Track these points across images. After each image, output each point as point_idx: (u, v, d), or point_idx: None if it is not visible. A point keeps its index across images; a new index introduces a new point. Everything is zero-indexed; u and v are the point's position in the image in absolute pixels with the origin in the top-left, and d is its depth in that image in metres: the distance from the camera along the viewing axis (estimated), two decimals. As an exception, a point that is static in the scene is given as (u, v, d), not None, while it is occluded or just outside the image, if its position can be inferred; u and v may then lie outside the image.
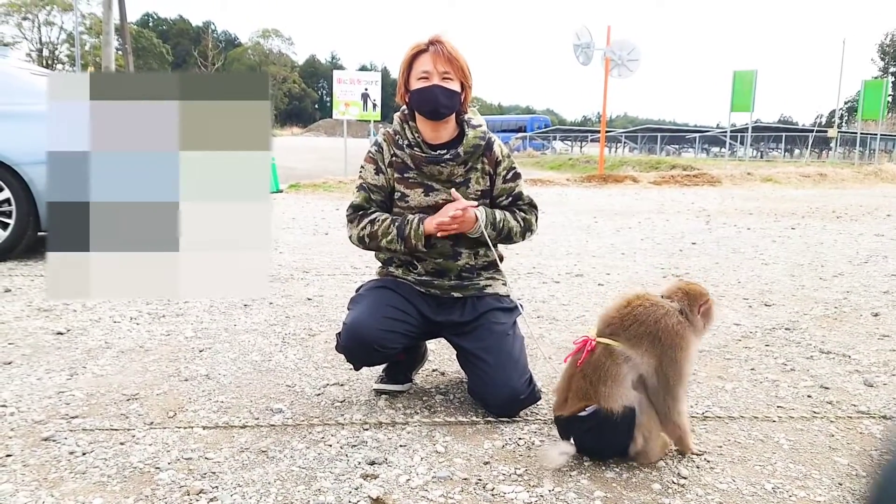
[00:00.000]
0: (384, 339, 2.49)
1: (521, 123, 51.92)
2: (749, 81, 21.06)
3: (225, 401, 2.64)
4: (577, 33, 17.71)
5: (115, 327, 3.62)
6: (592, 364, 2.10)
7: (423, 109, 2.52)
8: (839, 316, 4.11)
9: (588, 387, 2.09)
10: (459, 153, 2.55)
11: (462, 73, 2.52)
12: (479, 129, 2.61)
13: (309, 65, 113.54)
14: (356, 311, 2.55)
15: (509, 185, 2.66)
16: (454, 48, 2.50)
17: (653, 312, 2.12)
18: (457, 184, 2.57)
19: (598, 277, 5.19)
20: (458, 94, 2.52)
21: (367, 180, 2.61)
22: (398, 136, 2.60)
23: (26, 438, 2.27)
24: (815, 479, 2.10)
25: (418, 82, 2.49)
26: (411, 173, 2.57)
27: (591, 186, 15.88)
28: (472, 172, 2.61)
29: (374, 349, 2.50)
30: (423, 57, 2.50)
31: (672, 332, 2.10)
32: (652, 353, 2.09)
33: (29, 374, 2.87)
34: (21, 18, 74.71)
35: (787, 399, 2.76)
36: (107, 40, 19.64)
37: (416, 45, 2.52)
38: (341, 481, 2.02)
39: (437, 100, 2.47)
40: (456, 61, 2.49)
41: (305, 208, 9.89)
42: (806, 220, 9.46)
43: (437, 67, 2.47)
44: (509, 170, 2.66)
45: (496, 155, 2.65)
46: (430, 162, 2.54)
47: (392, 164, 2.59)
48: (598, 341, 2.13)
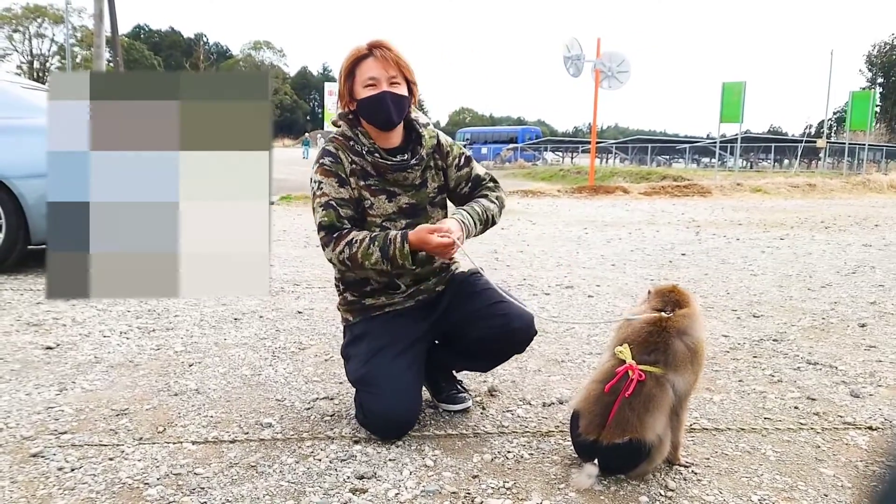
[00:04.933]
0: (417, 413, 2.50)
1: (512, 134, 51.98)
2: (738, 92, 21.18)
3: (214, 415, 2.64)
4: (567, 45, 17.83)
5: (104, 342, 3.61)
6: (642, 396, 2.08)
7: (376, 119, 2.44)
8: (826, 327, 4.14)
9: (633, 417, 2.06)
10: (423, 156, 2.53)
11: (409, 74, 2.46)
12: (428, 128, 2.58)
13: (300, 76, 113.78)
14: (382, 394, 2.39)
15: (464, 170, 2.63)
16: (397, 50, 2.43)
17: (687, 331, 2.14)
18: (416, 185, 2.53)
19: (588, 289, 5.21)
20: (407, 98, 2.47)
21: (332, 196, 2.43)
22: (352, 142, 2.50)
23: (14, 455, 2.26)
24: (802, 491, 2.11)
25: (365, 90, 2.41)
26: (372, 180, 2.49)
27: (581, 197, 15.94)
28: (427, 171, 2.58)
29: (409, 428, 2.48)
30: (366, 63, 2.41)
31: (702, 347, 2.14)
32: (691, 372, 2.12)
33: (18, 390, 2.86)
34: (12, 31, 74.57)
35: (774, 410, 2.78)
36: (98, 52, 19.60)
37: (356, 50, 2.44)
38: (330, 496, 2.02)
39: (388, 108, 2.40)
40: (402, 63, 2.43)
41: (296, 220, 9.89)
42: (795, 230, 9.52)
43: (385, 73, 2.40)
44: (459, 156, 2.64)
45: (444, 148, 2.61)
46: (396, 170, 2.48)
47: (353, 171, 2.47)
48: (644, 370, 2.10)
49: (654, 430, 2.06)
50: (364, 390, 2.45)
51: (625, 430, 2.06)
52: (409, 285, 2.58)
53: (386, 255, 2.35)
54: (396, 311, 2.57)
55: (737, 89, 21.25)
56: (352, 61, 2.43)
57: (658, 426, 2.07)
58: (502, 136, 52.16)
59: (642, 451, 2.06)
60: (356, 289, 2.59)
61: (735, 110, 21.36)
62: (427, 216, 2.57)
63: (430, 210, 2.58)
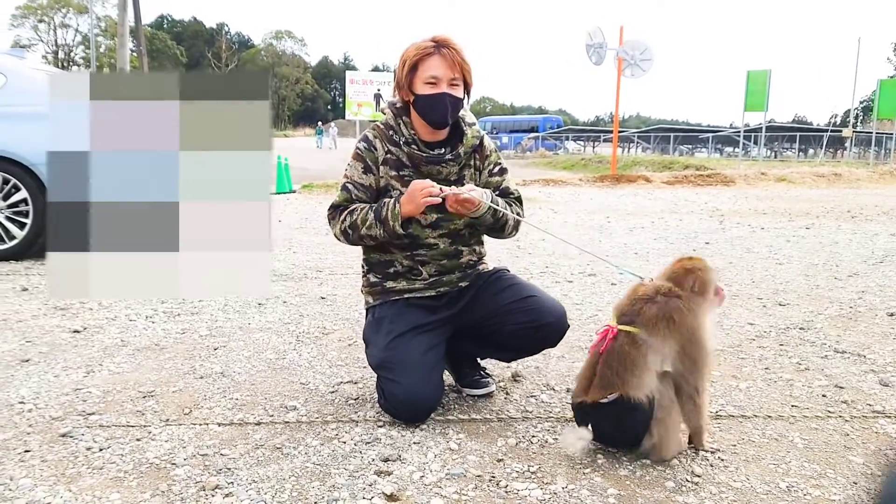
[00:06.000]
0: (439, 397, 2.51)
1: (533, 124, 51.82)
2: (763, 81, 20.91)
3: (240, 398, 2.66)
4: (589, 33, 17.68)
5: (130, 325, 3.65)
6: (616, 352, 2.11)
7: (430, 117, 2.47)
8: (854, 316, 4.08)
9: (612, 375, 2.09)
10: (460, 153, 2.54)
11: (468, 77, 2.49)
12: (474, 128, 2.60)
13: (321, 66, 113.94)
14: (403, 379, 2.38)
15: (496, 178, 2.65)
16: (462, 52, 2.46)
17: (657, 295, 2.14)
18: (451, 182, 2.54)
19: (611, 277, 5.18)
20: (462, 100, 2.49)
21: (354, 178, 2.52)
22: (392, 132, 2.54)
23: (44, 434, 2.30)
24: (831, 478, 2.09)
25: (425, 87, 2.43)
26: (406, 171, 2.52)
27: (603, 186, 15.85)
28: (466, 170, 2.60)
29: (431, 411, 2.49)
30: (431, 60, 2.43)
31: (680, 310, 2.11)
32: (669, 336, 2.10)
33: (46, 372, 2.90)
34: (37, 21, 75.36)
35: (801, 398, 2.75)
36: (122, 42, 19.78)
37: (423, 44, 2.46)
38: (355, 478, 2.03)
39: (445, 110, 2.44)
40: (465, 66, 2.46)
41: (318, 208, 9.92)
42: (820, 219, 9.40)
43: (447, 73, 2.43)
44: (496, 164, 2.66)
45: (486, 150, 2.64)
46: (430, 162, 2.51)
47: (386, 161, 2.52)
48: (620, 329, 2.14)
49: (636, 388, 2.06)
50: (385, 375, 2.45)
51: (606, 389, 2.09)
52: (432, 274, 2.58)
53: (379, 218, 2.42)
54: (416, 299, 2.57)
55: (762, 77, 20.99)
56: (417, 56, 2.45)
57: (642, 385, 2.06)
58: (523, 125, 52.02)
59: (630, 414, 2.06)
60: (380, 270, 2.61)
61: (760, 99, 21.10)
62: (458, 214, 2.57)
63: None
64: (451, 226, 2.55)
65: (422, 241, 2.54)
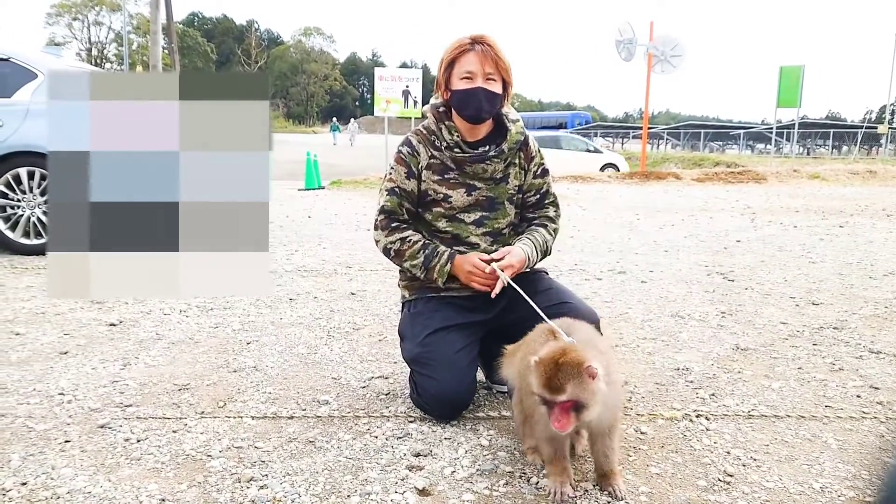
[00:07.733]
0: (472, 395, 2.52)
1: (561, 120, 51.54)
2: (796, 77, 20.65)
3: (273, 392, 2.69)
4: (619, 29, 17.56)
5: (165, 319, 3.71)
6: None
7: (465, 112, 2.49)
8: (890, 315, 4.02)
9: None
10: (504, 150, 2.55)
11: (506, 74, 2.50)
12: (518, 125, 2.61)
13: (350, 62, 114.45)
14: (437, 375, 2.39)
15: (538, 180, 2.67)
16: (499, 48, 2.48)
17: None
18: (497, 179, 2.57)
19: (641, 275, 5.16)
20: (499, 95, 2.50)
21: (398, 184, 2.55)
22: (434, 137, 2.56)
23: (83, 425, 2.35)
24: (865, 480, 2.07)
25: (461, 82, 2.46)
26: (452, 174, 2.55)
27: (633, 183, 15.73)
28: (511, 168, 2.61)
29: (463, 409, 2.50)
30: (467, 56, 2.45)
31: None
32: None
33: (84, 364, 2.96)
34: (71, 19, 76.56)
35: (835, 399, 2.72)
36: (154, 39, 20.06)
37: (459, 42, 2.49)
38: (387, 472, 2.05)
39: (479, 104, 2.45)
40: (501, 62, 2.47)
41: (347, 204, 9.99)
42: (855, 218, 9.26)
43: (482, 68, 2.44)
44: (539, 165, 2.68)
45: (531, 150, 2.66)
46: (474, 161, 2.53)
47: (430, 166, 2.55)
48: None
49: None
50: (418, 371, 2.47)
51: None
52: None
53: (427, 265, 2.51)
54: (452, 298, 2.58)
55: (795, 73, 20.72)
56: (454, 53, 2.48)
57: None
58: (551, 121, 51.74)
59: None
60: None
61: (793, 95, 20.85)
62: (504, 212, 2.60)
63: (507, 206, 2.61)
64: (495, 224, 2.58)
65: (464, 238, 2.56)
